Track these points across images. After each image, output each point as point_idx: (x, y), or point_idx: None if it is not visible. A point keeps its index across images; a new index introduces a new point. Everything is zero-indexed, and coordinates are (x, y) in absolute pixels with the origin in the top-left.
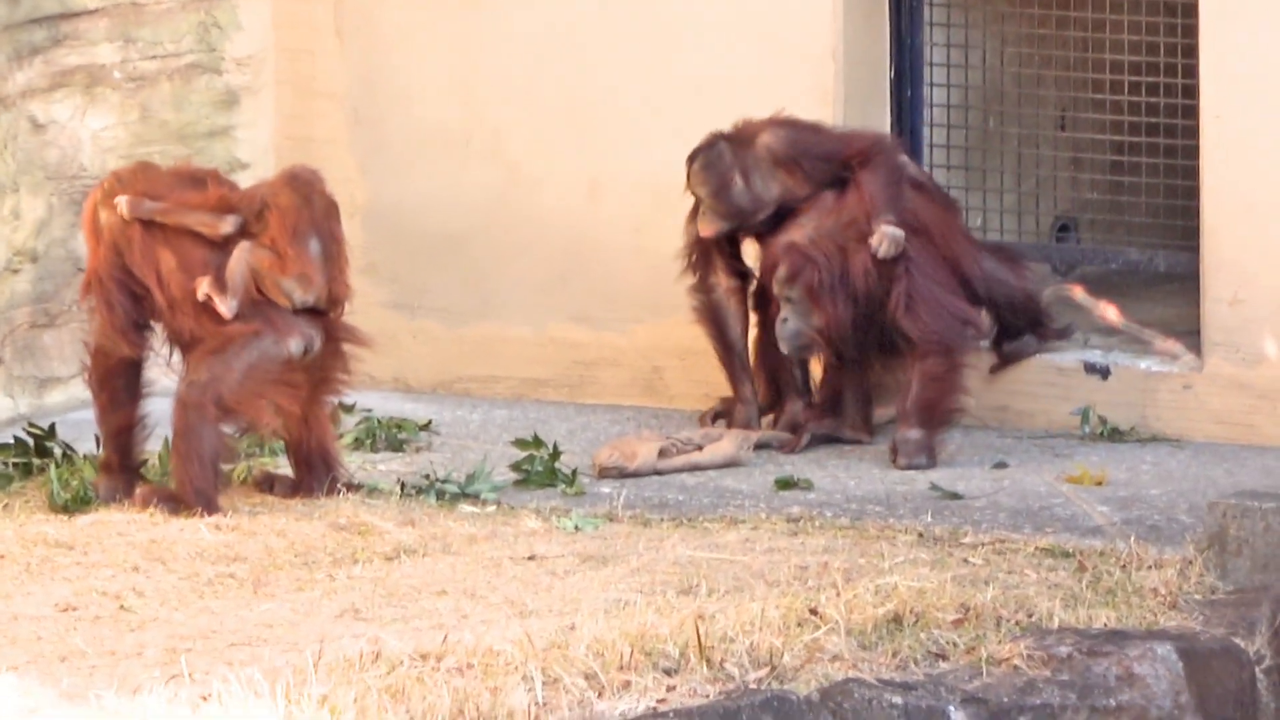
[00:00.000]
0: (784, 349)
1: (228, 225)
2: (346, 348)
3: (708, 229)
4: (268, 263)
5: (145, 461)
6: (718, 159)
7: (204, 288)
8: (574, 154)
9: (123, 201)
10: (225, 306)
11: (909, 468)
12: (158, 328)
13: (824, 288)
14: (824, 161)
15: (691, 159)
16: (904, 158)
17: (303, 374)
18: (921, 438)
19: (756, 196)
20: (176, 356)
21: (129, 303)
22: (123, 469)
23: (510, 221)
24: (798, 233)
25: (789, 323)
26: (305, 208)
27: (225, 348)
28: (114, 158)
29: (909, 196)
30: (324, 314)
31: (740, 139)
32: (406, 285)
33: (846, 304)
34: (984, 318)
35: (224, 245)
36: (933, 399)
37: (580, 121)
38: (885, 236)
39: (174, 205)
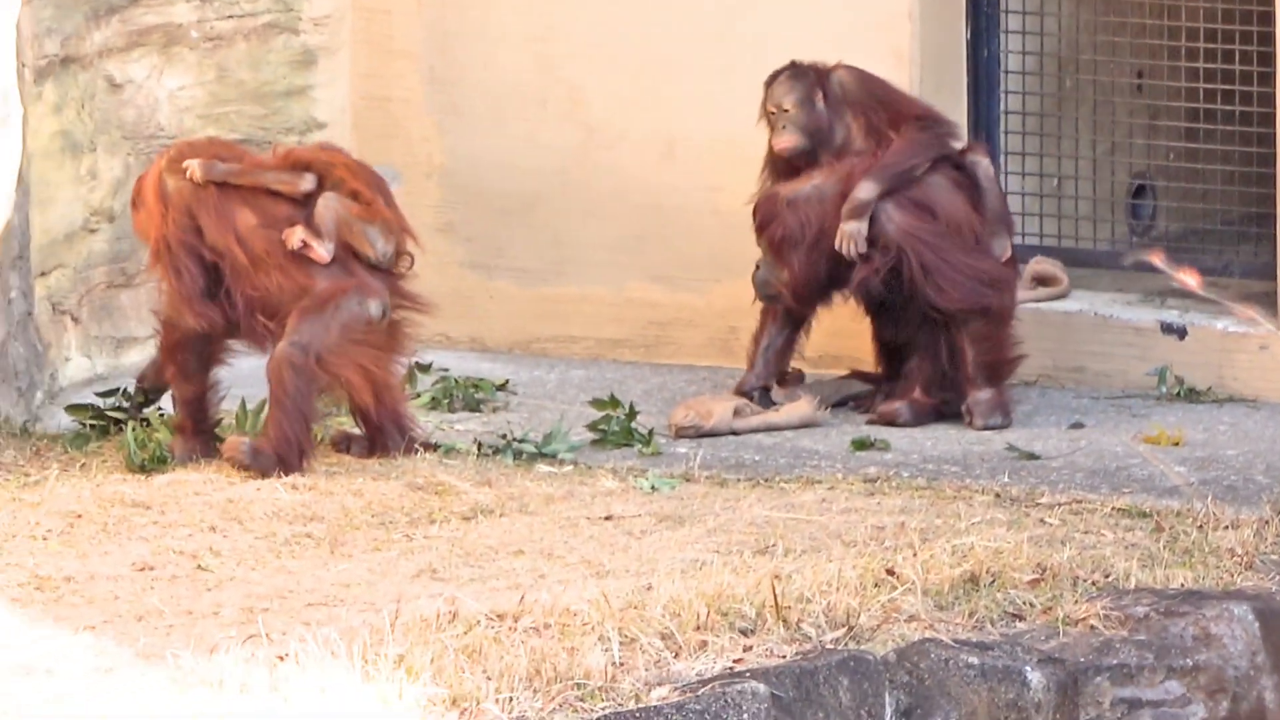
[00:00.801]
0: (755, 292)
1: (307, 182)
2: (410, 312)
3: (785, 141)
4: (355, 209)
5: (220, 422)
6: (803, 73)
7: (298, 234)
8: (651, 113)
9: (195, 164)
10: (323, 249)
11: (986, 428)
12: (235, 292)
13: (789, 244)
14: (886, 114)
15: (774, 75)
16: (982, 159)
17: (379, 336)
18: (991, 396)
19: (830, 124)
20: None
21: (198, 269)
22: (197, 432)
23: (587, 181)
24: (795, 185)
25: (759, 270)
26: (365, 169)
27: (321, 307)
28: (191, 117)
29: (934, 182)
30: (392, 277)
31: (818, 68)
32: (483, 245)
33: (818, 263)
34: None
35: (303, 202)
36: (989, 357)
37: (657, 80)
38: (855, 200)
39: (248, 166)
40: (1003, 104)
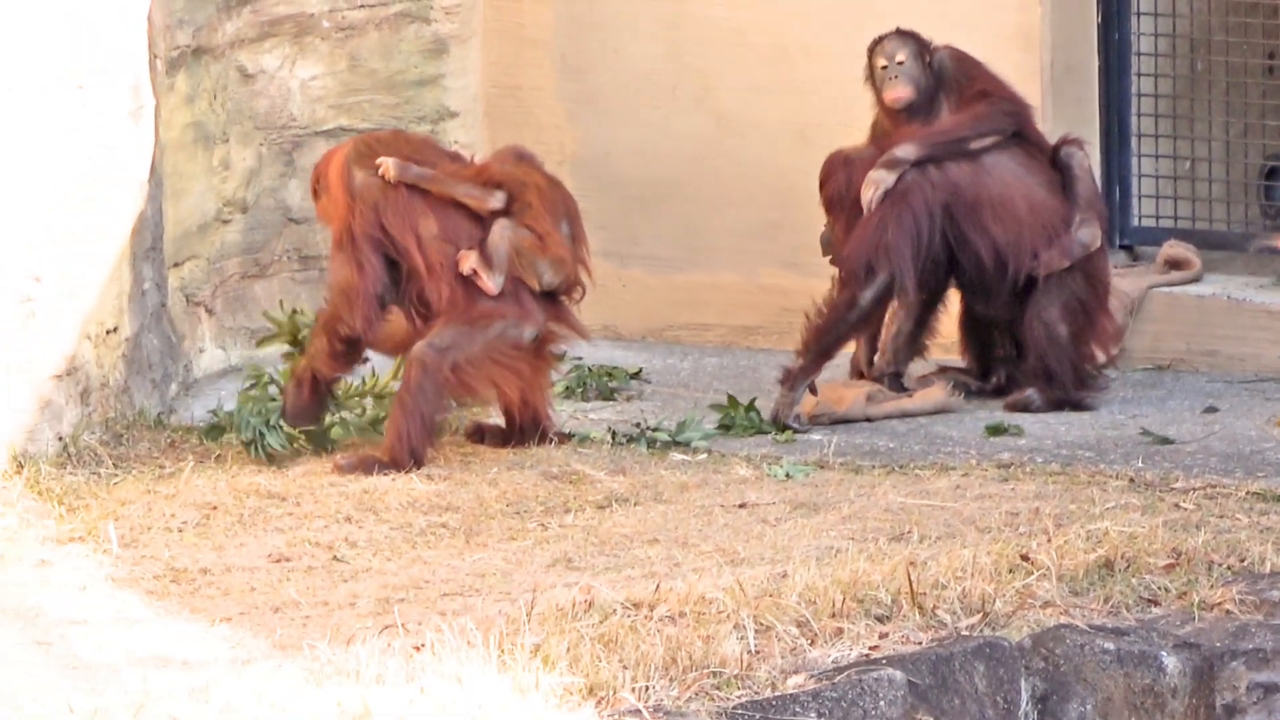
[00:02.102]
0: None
1: (496, 201)
2: (568, 334)
3: (898, 90)
4: (528, 243)
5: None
6: (914, 33)
7: (470, 262)
8: (782, 100)
9: (390, 163)
10: (492, 283)
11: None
12: (408, 292)
13: (838, 201)
14: (974, 92)
15: (881, 36)
16: (1076, 150)
17: (527, 358)
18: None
19: (930, 92)
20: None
21: (381, 266)
22: (314, 393)
23: (719, 169)
24: (859, 146)
25: (825, 230)
26: (556, 189)
27: (472, 320)
28: (323, 107)
29: (995, 160)
30: (555, 300)
31: (922, 38)
32: (616, 234)
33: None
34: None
35: (484, 219)
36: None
37: (788, 67)
38: (890, 155)
39: (442, 174)
40: (1134, 86)
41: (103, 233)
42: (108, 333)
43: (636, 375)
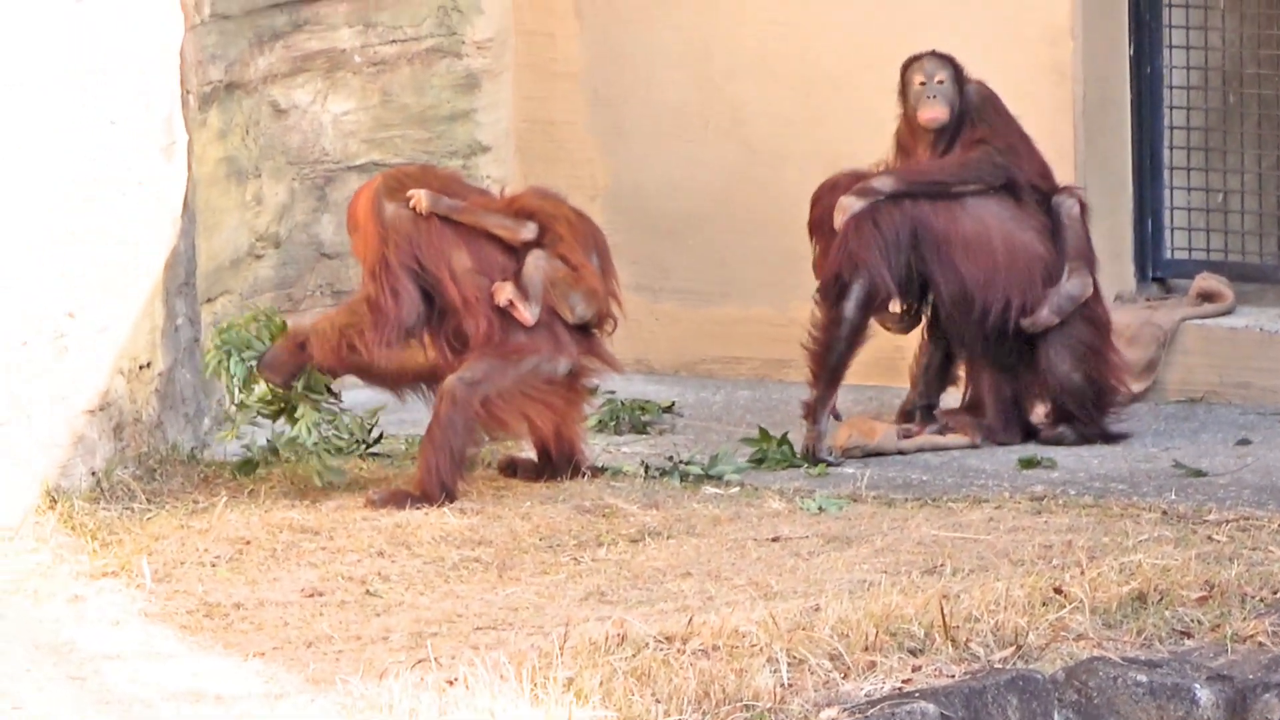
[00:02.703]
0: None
1: (528, 231)
2: (600, 368)
3: (934, 110)
4: (562, 274)
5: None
6: (952, 57)
7: (507, 292)
8: (812, 132)
9: (422, 195)
10: (529, 312)
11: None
12: (443, 326)
13: (819, 227)
14: (975, 137)
15: (918, 55)
16: (1067, 199)
17: (561, 392)
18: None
19: (959, 115)
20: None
21: (417, 294)
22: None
23: (751, 201)
24: (850, 172)
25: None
26: (585, 222)
27: (505, 355)
28: (355, 142)
29: (979, 204)
30: (588, 333)
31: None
32: (648, 267)
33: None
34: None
35: (516, 251)
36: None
37: (818, 99)
38: (865, 183)
39: (473, 205)
40: (1166, 119)
41: (136, 268)
42: (141, 368)
43: (669, 409)
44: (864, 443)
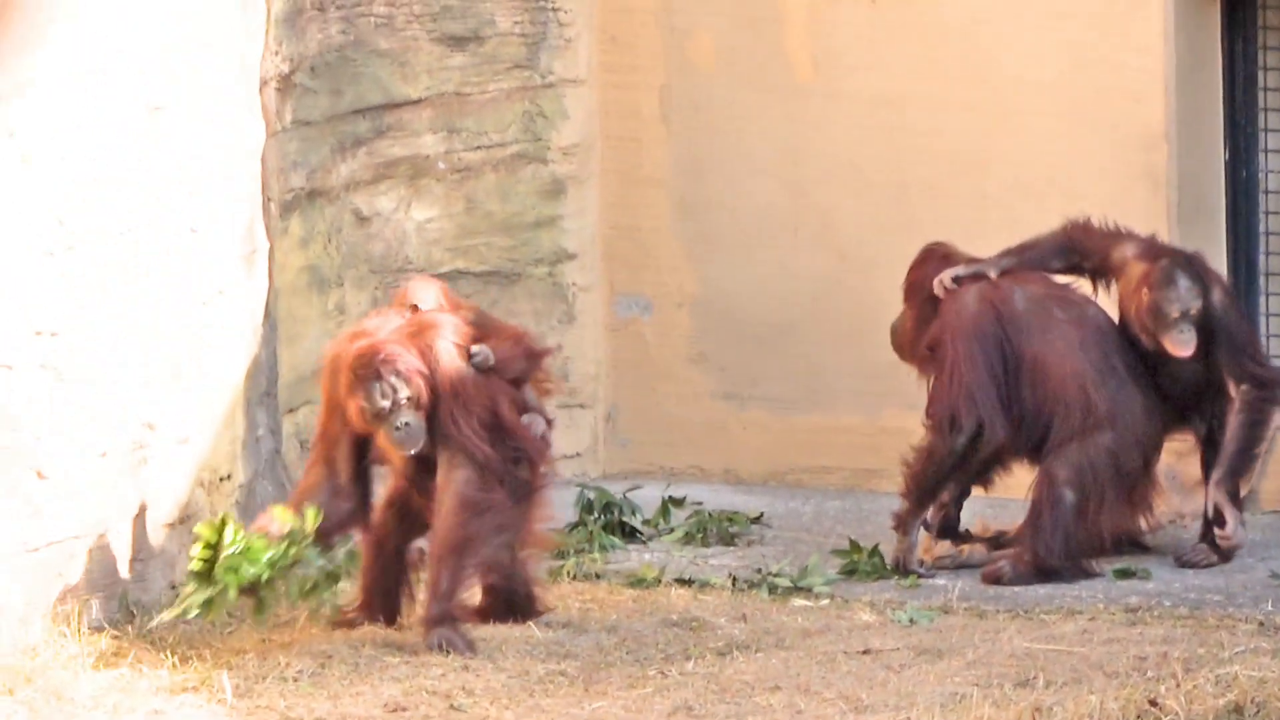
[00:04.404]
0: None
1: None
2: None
3: (1182, 351)
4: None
5: None
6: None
7: (539, 426)
8: (903, 238)
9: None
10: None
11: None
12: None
13: (915, 289)
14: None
15: (1174, 265)
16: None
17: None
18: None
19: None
20: None
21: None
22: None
23: (841, 308)
24: (964, 255)
25: (896, 318)
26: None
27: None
28: (439, 250)
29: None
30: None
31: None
32: (736, 375)
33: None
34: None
35: None
36: None
37: (909, 206)
38: (973, 261)
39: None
40: (1262, 225)
41: (216, 378)
42: (221, 480)
43: (757, 520)
44: (955, 554)
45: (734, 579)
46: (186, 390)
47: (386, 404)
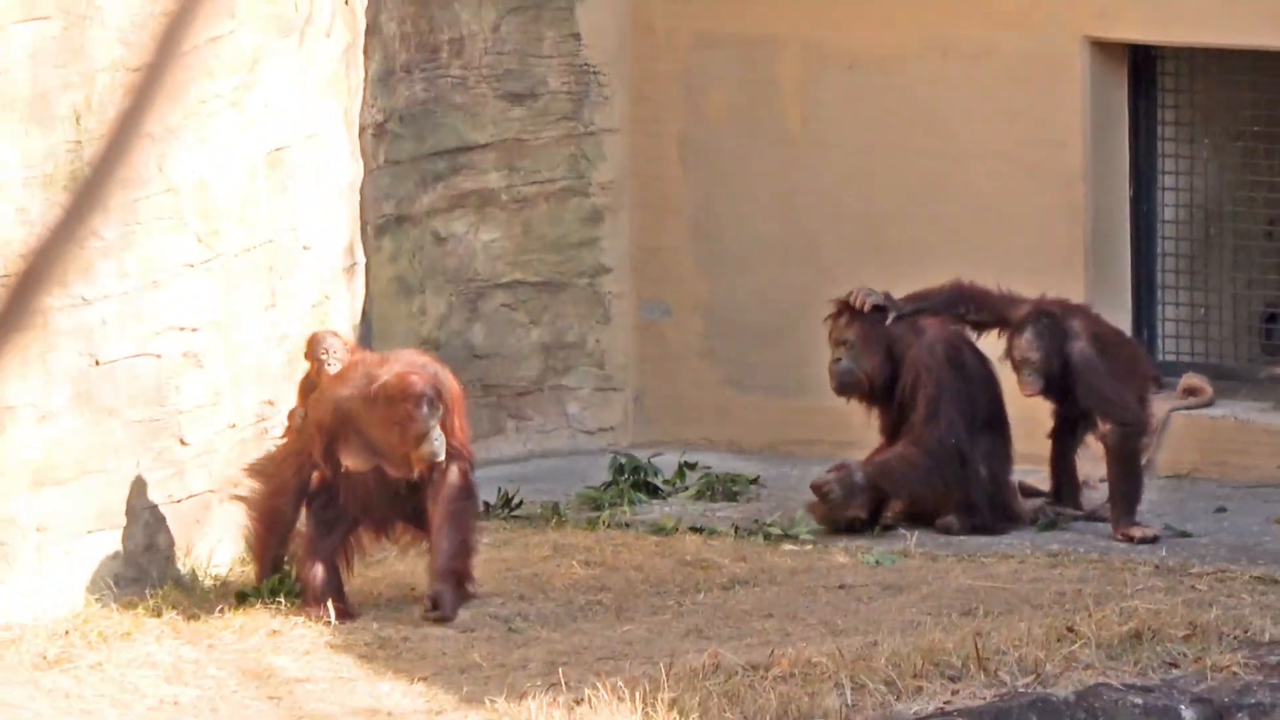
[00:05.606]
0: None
1: None
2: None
3: (1029, 390)
4: None
5: None
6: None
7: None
8: (874, 259)
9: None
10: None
11: None
12: None
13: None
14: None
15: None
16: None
17: None
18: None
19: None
20: None
21: None
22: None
23: (822, 314)
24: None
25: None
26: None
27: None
28: (501, 264)
29: (952, 335)
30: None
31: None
32: (739, 366)
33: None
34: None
35: None
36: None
37: (878, 231)
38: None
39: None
40: (1159, 248)
41: None
42: None
43: (755, 481)
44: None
45: (736, 528)
46: (299, 375)
47: (433, 423)
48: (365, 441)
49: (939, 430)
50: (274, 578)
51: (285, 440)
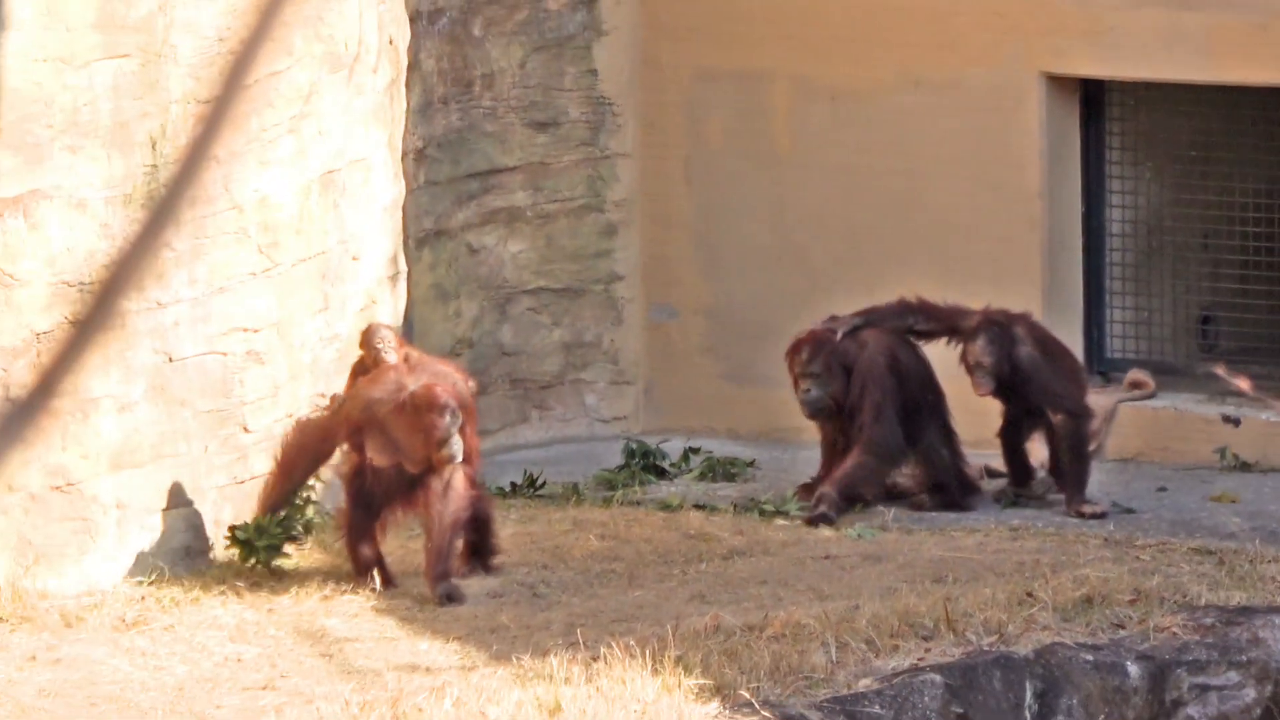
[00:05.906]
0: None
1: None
2: None
3: (978, 389)
4: None
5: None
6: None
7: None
8: (856, 268)
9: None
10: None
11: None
12: None
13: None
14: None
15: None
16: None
17: None
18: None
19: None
20: None
21: None
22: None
23: (811, 316)
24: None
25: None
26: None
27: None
28: (527, 273)
29: (893, 344)
30: None
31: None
32: (737, 361)
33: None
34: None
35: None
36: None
37: (859, 243)
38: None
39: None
40: (1107, 258)
41: None
42: None
43: (751, 464)
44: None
45: (734, 505)
46: (349, 371)
47: (454, 430)
48: (390, 440)
49: (884, 432)
50: (264, 517)
51: (322, 413)
